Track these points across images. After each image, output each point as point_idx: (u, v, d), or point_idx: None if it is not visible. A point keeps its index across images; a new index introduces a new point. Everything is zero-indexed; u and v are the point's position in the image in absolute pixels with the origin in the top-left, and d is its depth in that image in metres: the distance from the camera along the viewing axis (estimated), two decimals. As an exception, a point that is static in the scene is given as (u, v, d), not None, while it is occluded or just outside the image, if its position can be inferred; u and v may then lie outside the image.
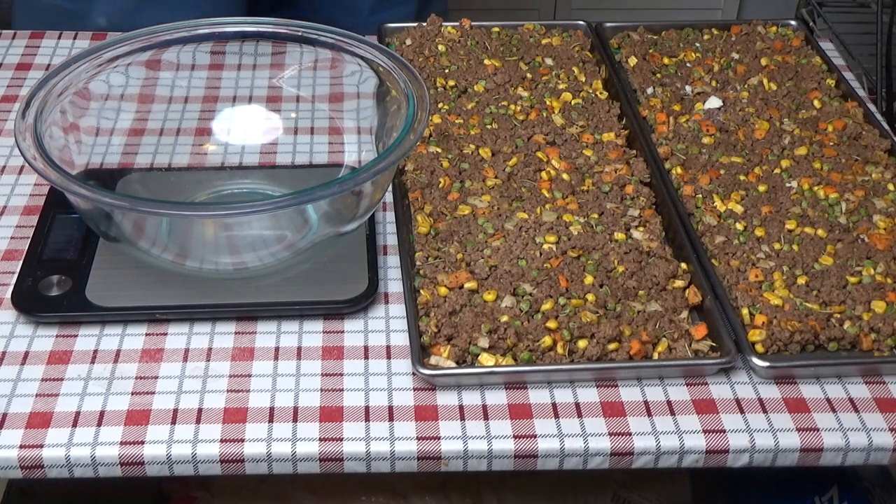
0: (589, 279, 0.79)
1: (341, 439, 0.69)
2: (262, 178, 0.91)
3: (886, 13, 1.79)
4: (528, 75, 1.03)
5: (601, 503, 1.01)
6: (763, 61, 1.07)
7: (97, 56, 0.85)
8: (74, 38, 1.13)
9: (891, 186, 0.90)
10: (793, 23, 1.15)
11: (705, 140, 0.95)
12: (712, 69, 1.06)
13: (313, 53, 0.91)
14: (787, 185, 0.90)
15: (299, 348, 0.76)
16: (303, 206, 0.79)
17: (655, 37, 1.12)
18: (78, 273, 0.79)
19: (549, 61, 1.06)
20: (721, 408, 0.72)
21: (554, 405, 0.72)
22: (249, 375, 0.73)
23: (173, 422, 0.69)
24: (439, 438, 0.69)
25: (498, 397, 0.72)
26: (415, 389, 0.72)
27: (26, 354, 0.74)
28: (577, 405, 0.72)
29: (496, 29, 1.11)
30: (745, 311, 0.77)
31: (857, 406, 0.72)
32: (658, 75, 1.05)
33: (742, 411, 0.72)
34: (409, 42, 1.08)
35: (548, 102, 0.99)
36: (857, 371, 0.75)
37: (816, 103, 1.00)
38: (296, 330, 0.77)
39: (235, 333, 0.77)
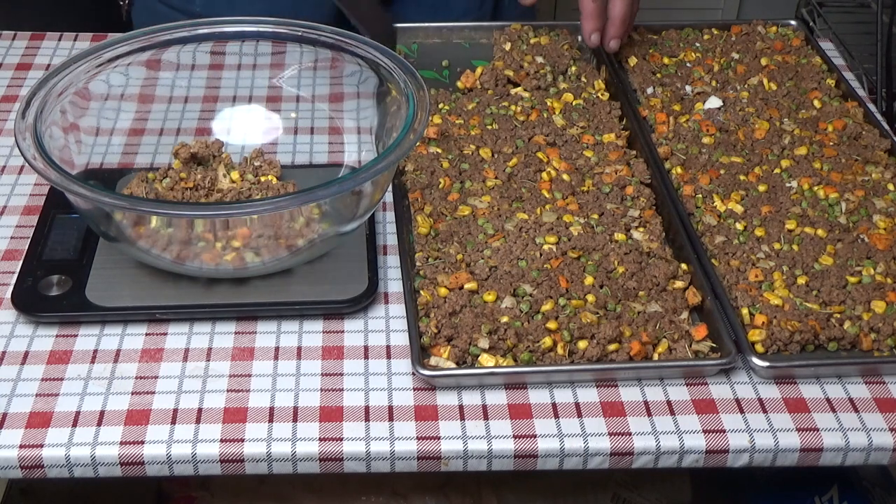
0: (589, 280, 0.79)
1: (341, 439, 0.69)
2: (262, 178, 0.91)
3: (886, 13, 1.79)
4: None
5: (601, 503, 1.01)
6: (763, 61, 1.07)
7: (97, 56, 0.85)
8: (75, 38, 1.13)
9: (891, 186, 0.90)
10: (793, 23, 1.14)
11: (705, 140, 0.95)
12: (712, 69, 1.06)
13: (313, 53, 0.91)
14: (787, 184, 0.90)
15: (299, 348, 0.75)
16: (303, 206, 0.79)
17: (655, 37, 1.12)
18: (78, 273, 0.79)
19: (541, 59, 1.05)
20: (721, 408, 0.72)
21: (554, 405, 0.72)
22: (249, 375, 0.73)
23: (173, 422, 0.69)
24: (439, 438, 0.69)
25: (498, 397, 0.72)
26: (415, 389, 0.72)
27: (26, 354, 0.74)
28: (577, 405, 0.72)
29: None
30: (744, 311, 0.77)
31: (856, 406, 0.72)
32: (658, 75, 1.05)
33: (742, 411, 0.72)
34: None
35: (548, 103, 0.99)
36: (857, 371, 0.75)
37: (816, 103, 1.00)
38: (296, 330, 0.77)
39: (235, 333, 0.77)
